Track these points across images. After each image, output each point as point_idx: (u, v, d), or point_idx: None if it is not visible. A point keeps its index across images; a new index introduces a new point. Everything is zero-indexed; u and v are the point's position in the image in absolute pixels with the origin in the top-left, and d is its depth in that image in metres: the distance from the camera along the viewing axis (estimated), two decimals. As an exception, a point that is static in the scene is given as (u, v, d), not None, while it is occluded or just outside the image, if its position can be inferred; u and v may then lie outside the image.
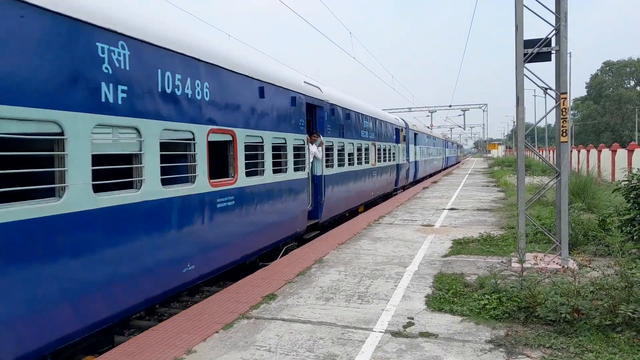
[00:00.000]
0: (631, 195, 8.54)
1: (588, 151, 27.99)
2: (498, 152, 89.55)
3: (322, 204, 11.87)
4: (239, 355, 4.76)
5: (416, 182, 30.07)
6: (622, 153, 22.32)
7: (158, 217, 5.87)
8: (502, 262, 8.22)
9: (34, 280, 4.23)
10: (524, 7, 7.71)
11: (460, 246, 9.65)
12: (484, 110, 76.20)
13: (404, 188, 25.39)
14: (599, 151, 25.68)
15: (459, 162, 78.49)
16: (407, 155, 25.54)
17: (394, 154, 22.06)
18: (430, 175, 37.72)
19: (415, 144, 28.38)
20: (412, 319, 5.65)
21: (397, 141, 23.30)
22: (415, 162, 28.81)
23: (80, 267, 4.73)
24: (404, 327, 5.40)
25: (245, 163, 8.06)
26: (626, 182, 8.87)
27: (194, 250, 6.65)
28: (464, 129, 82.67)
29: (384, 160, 20.12)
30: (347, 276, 7.61)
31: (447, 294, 6.41)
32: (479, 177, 34.52)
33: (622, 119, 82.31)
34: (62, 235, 4.51)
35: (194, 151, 6.65)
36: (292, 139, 10.14)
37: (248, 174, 8.17)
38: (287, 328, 5.45)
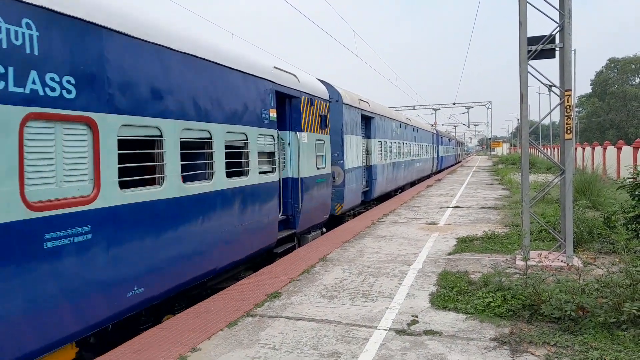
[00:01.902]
0: (636, 193, 8.51)
1: (593, 148, 27.88)
2: (502, 149, 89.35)
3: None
4: (244, 353, 4.77)
5: (384, 197, 19.95)
6: (627, 150, 22.20)
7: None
8: (506, 260, 8.20)
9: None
10: (528, 4, 7.68)
11: (465, 244, 9.64)
12: (488, 108, 76.02)
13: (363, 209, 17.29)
14: (604, 148, 25.57)
15: (459, 162, 68.83)
16: (342, 158, 13.98)
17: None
18: (412, 184, 27.56)
19: (369, 136, 17.53)
20: (417, 316, 5.65)
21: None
22: (372, 167, 17.45)
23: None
24: (408, 325, 5.41)
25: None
26: (631, 180, 8.84)
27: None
28: (468, 127, 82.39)
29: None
30: (351, 274, 7.62)
31: (451, 292, 6.40)
32: (484, 174, 34.44)
33: (627, 116, 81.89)
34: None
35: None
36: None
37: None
38: (291, 326, 5.47)
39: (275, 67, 9.30)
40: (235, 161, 7.69)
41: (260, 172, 8.40)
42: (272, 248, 9.22)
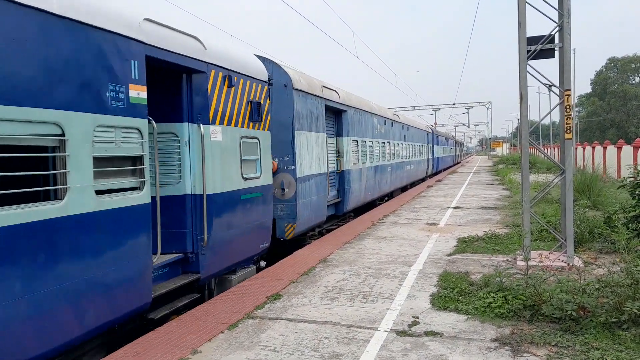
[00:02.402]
0: (637, 192, 8.51)
1: (593, 148, 27.86)
2: (503, 150, 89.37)
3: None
4: (244, 355, 4.77)
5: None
6: (627, 150, 22.18)
7: None
8: (507, 260, 8.19)
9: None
10: (527, 4, 7.69)
11: (465, 245, 9.63)
12: (488, 108, 76.09)
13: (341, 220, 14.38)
14: (604, 148, 25.55)
15: (458, 162, 66.01)
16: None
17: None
18: (404, 189, 24.52)
19: (341, 134, 14.14)
20: (417, 317, 5.64)
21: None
22: (344, 173, 13.89)
23: None
24: (409, 326, 5.40)
25: None
26: (632, 179, 8.83)
27: None
28: (468, 127, 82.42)
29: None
30: (352, 275, 7.61)
31: (452, 292, 6.39)
32: (484, 175, 34.43)
33: (627, 116, 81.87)
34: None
35: None
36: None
37: None
38: (292, 328, 5.46)
39: (147, 20, 5.71)
40: (22, 176, 4.26)
41: (102, 192, 4.94)
42: (146, 311, 5.79)
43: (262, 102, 8.33)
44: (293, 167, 10.20)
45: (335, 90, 13.25)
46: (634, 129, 76.94)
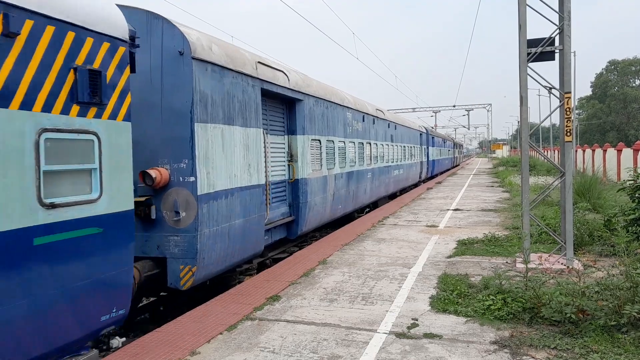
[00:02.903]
0: (636, 195, 8.49)
1: (593, 151, 27.87)
2: (503, 152, 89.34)
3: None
4: (243, 357, 4.76)
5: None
6: (627, 152, 22.21)
7: None
8: (506, 262, 8.19)
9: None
10: (527, 7, 7.69)
11: (465, 247, 9.63)
12: (488, 111, 76.10)
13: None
14: (604, 151, 25.57)
15: (456, 165, 63.24)
16: None
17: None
18: (393, 196, 22.28)
19: (294, 131, 10.69)
20: (417, 320, 5.64)
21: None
22: (299, 183, 10.54)
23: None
24: (408, 328, 5.39)
25: None
26: (631, 182, 8.82)
27: None
28: (469, 129, 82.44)
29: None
30: (351, 277, 7.61)
31: (451, 295, 6.39)
32: (484, 177, 34.44)
33: (627, 118, 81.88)
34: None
35: None
36: None
37: None
38: (291, 329, 5.45)
39: None
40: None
41: None
42: None
43: (107, 72, 5.08)
44: (193, 179, 6.73)
45: (282, 71, 9.78)
46: (634, 132, 76.93)
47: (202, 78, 6.99)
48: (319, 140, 11.79)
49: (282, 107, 10.24)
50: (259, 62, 8.81)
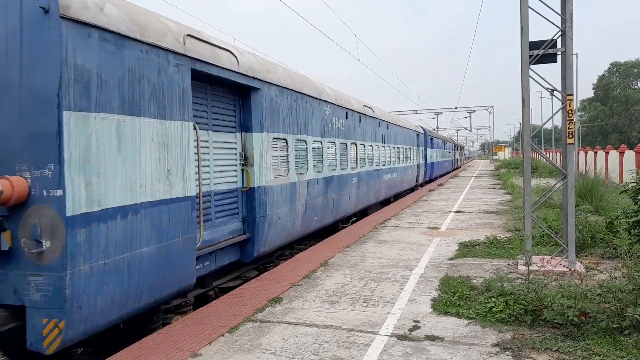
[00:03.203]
0: (639, 197, 8.49)
1: (595, 153, 27.83)
2: (505, 154, 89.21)
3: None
4: (245, 359, 4.76)
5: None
6: (629, 155, 22.17)
7: None
8: (508, 264, 8.18)
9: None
10: (529, 9, 7.69)
11: (467, 249, 9.62)
12: (490, 112, 75.95)
13: None
14: (606, 153, 25.52)
15: (457, 167, 61.19)
16: None
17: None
18: (387, 202, 20.91)
19: (250, 128, 8.50)
20: (418, 322, 5.63)
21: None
22: (255, 193, 8.44)
23: None
24: (410, 330, 5.39)
25: None
26: (634, 184, 8.81)
27: None
28: (470, 131, 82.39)
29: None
30: (353, 279, 7.60)
31: (453, 297, 6.38)
32: (486, 179, 34.40)
33: (629, 120, 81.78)
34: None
35: None
36: None
37: None
38: (292, 331, 5.45)
39: None
40: None
41: None
42: None
43: None
44: (60, 193, 4.66)
45: (228, 50, 7.71)
46: (636, 134, 76.82)
47: (82, 47, 4.86)
48: (285, 140, 9.74)
49: (233, 97, 8.22)
50: (189, 35, 6.67)
